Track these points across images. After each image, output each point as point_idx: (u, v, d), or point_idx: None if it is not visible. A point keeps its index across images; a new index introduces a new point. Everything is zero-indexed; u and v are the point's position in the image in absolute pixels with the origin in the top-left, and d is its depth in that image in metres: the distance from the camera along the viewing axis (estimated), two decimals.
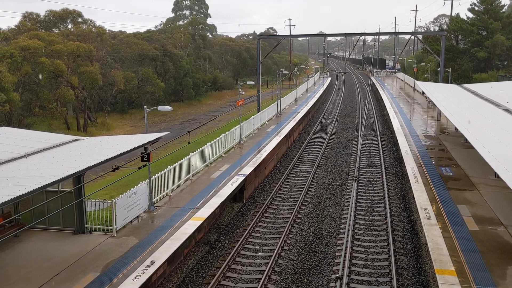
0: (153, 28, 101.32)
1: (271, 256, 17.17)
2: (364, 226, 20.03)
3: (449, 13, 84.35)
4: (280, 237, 18.89)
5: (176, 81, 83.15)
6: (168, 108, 21.60)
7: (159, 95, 73.72)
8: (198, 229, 18.01)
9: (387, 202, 22.57)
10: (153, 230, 17.46)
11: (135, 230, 17.51)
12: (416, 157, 28.02)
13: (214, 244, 18.68)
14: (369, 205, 22.76)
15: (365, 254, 17.32)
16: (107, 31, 78.01)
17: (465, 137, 23.68)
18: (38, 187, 12.43)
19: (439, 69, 46.69)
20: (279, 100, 47.76)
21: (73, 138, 21.36)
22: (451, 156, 28.39)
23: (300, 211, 22.20)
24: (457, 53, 66.00)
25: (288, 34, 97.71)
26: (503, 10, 69.53)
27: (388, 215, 20.87)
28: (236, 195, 23.40)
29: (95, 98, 67.30)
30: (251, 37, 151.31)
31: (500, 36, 63.26)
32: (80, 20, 71.10)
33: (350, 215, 20.30)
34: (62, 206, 17.09)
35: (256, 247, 18.33)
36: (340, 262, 16.36)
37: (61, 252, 15.73)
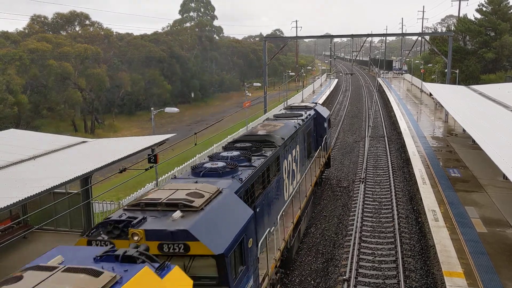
0: (160, 30, 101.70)
1: None
2: (371, 228, 19.96)
3: (456, 14, 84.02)
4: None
5: (182, 83, 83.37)
6: (175, 110, 21.69)
7: (166, 97, 73.98)
8: None
9: (394, 204, 22.47)
10: None
11: None
12: (423, 158, 27.89)
13: None
14: (376, 206, 22.68)
15: (372, 256, 17.26)
16: (114, 33, 78.41)
17: (472, 139, 23.54)
18: (46, 189, 12.51)
19: (446, 70, 46.50)
20: (285, 101, 47.76)
21: (81, 140, 21.48)
22: (458, 157, 28.23)
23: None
24: (465, 54, 65.70)
25: (295, 35, 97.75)
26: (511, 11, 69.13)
27: (396, 217, 20.78)
28: None
29: (102, 100, 67.63)
30: (257, 38, 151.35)
31: (508, 37, 62.89)
32: (87, 22, 71.53)
33: (357, 217, 20.23)
34: (69, 208, 17.18)
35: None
36: (347, 264, 16.32)
37: None
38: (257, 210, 12.85)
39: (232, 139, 19.85)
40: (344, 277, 15.28)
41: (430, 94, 54.17)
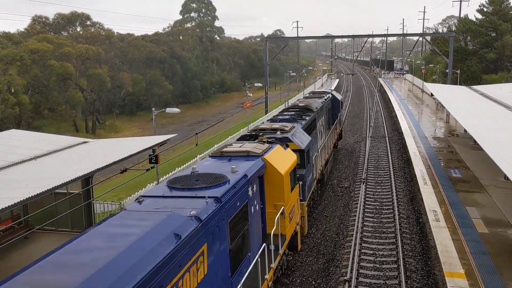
0: (161, 31, 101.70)
1: None
2: (372, 229, 19.94)
3: (457, 14, 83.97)
4: None
5: (183, 84, 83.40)
6: (176, 110, 21.69)
7: (167, 97, 74.02)
8: None
9: (395, 204, 22.45)
10: None
11: None
12: (424, 159, 27.86)
13: None
14: (377, 207, 22.66)
15: (373, 256, 17.24)
16: (116, 34, 78.42)
17: (474, 139, 23.53)
18: (47, 189, 12.51)
19: (447, 70, 46.48)
20: (287, 102, 47.76)
21: (82, 140, 21.50)
22: (460, 158, 28.20)
23: (309, 213, 22.11)
24: (466, 54, 65.65)
25: (296, 36, 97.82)
26: None
27: (397, 217, 20.76)
28: None
29: (103, 101, 67.70)
30: (258, 39, 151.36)
31: (510, 37, 62.81)
32: (88, 22, 71.59)
33: (358, 217, 20.21)
34: (71, 208, 17.19)
35: None
36: (348, 264, 16.30)
37: None
38: None
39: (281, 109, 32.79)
40: (345, 278, 15.26)
41: (431, 95, 54.15)
